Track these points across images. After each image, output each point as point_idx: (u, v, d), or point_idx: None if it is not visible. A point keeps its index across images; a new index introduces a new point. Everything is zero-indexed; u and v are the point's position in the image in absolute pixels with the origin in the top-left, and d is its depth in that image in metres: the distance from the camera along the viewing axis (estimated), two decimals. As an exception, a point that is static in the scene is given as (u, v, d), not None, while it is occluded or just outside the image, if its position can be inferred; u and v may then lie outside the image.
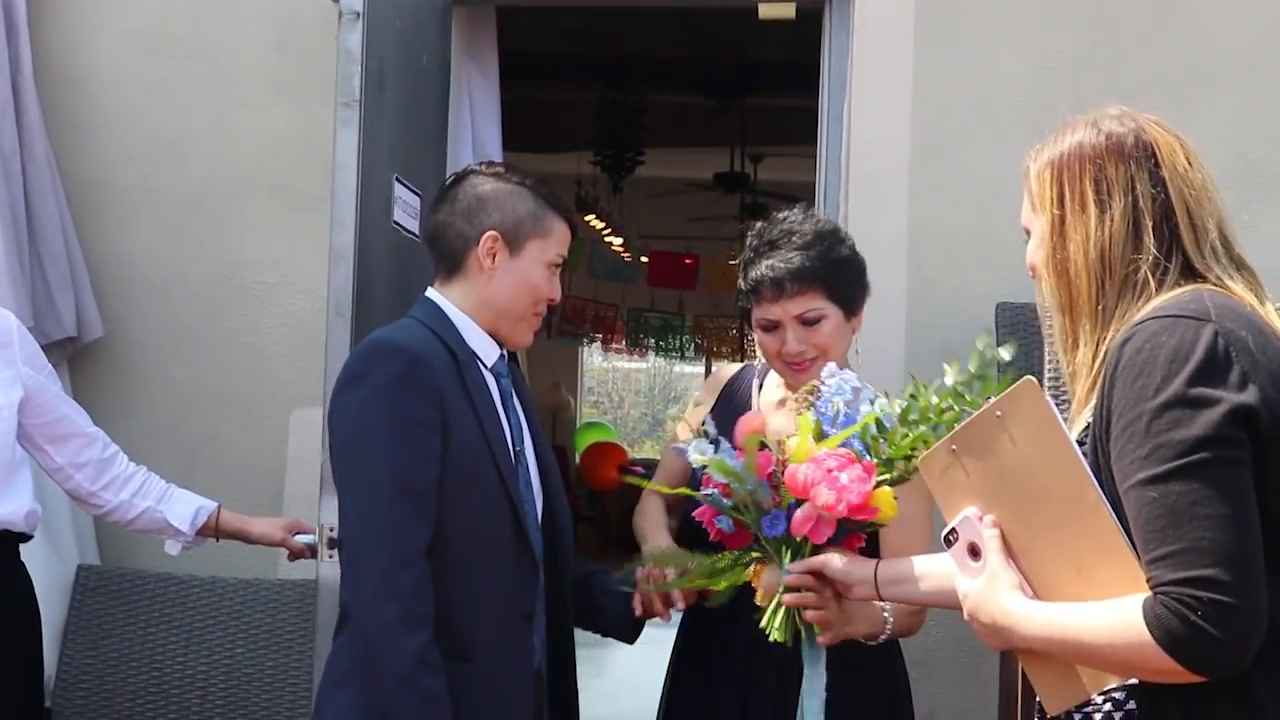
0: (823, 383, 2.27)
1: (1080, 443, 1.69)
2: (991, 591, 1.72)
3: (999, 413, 1.70)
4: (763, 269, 2.56)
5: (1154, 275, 1.71)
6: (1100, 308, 1.74)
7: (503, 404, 2.43)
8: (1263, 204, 3.55)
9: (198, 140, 3.83)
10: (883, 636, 2.42)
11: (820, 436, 2.22)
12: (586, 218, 10.70)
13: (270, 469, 3.72)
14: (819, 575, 2.21)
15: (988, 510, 1.76)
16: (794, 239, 2.56)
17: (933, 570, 2.12)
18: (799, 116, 4.73)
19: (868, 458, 2.20)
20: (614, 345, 12.73)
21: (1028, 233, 1.86)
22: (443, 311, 2.43)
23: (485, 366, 2.43)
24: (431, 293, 2.47)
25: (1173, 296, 1.69)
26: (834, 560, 2.19)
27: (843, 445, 2.20)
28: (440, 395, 2.27)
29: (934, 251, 3.63)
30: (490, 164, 2.56)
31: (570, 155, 9.05)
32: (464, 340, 2.41)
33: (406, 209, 3.25)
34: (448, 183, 2.52)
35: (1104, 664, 1.62)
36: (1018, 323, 3.38)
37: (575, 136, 8.57)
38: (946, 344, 3.55)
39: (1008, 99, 3.64)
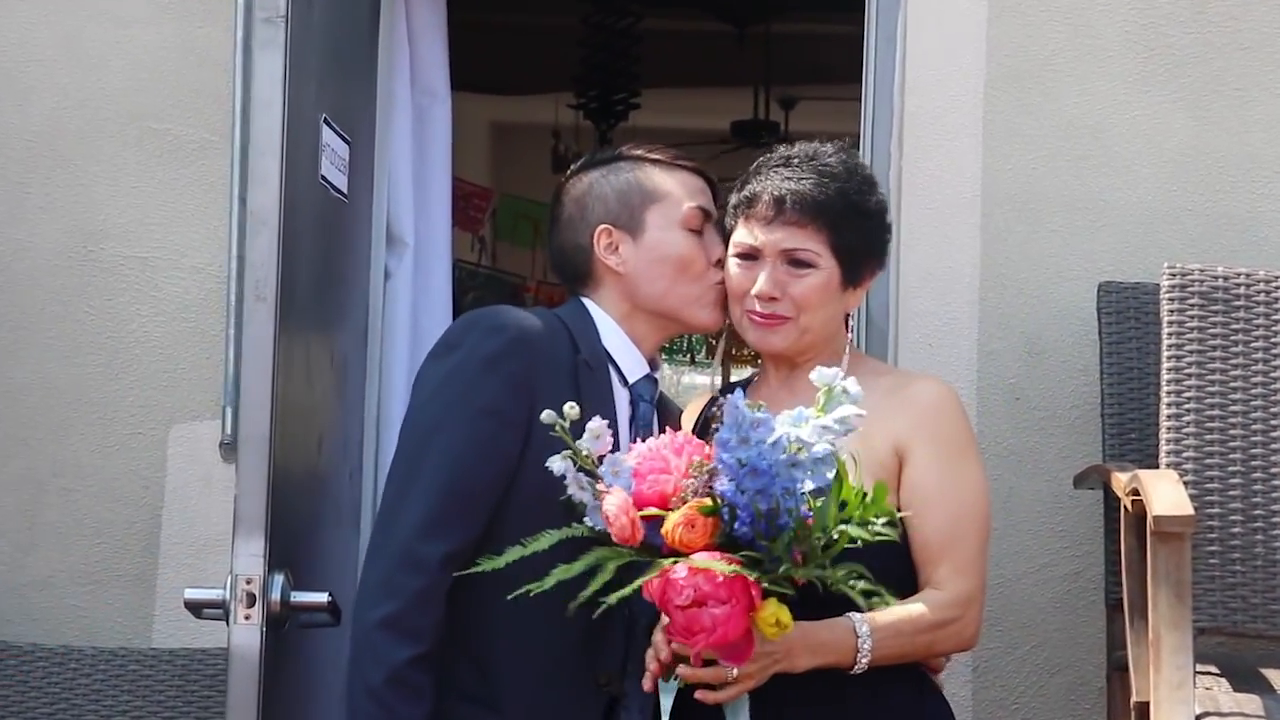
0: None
1: None
2: None
3: None
4: (765, 182, 2.67)
5: None
6: None
7: (634, 430, 2.62)
8: None
9: (45, 67, 3.79)
10: (857, 667, 2.45)
11: (716, 508, 2.29)
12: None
13: (143, 503, 3.70)
14: None
15: None
16: (815, 164, 2.67)
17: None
18: (842, 46, 4.70)
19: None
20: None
21: None
22: (587, 310, 2.69)
23: (624, 380, 2.65)
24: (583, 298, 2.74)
25: None
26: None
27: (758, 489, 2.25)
28: (532, 388, 2.51)
29: (1015, 216, 3.61)
30: (575, 160, 2.82)
31: (545, 98, 9.00)
32: (599, 341, 2.65)
33: (335, 161, 3.25)
34: (551, 205, 2.79)
35: None
36: (1126, 309, 3.36)
37: (550, 73, 8.52)
38: (1032, 338, 3.52)
39: (1113, 15, 3.62)
